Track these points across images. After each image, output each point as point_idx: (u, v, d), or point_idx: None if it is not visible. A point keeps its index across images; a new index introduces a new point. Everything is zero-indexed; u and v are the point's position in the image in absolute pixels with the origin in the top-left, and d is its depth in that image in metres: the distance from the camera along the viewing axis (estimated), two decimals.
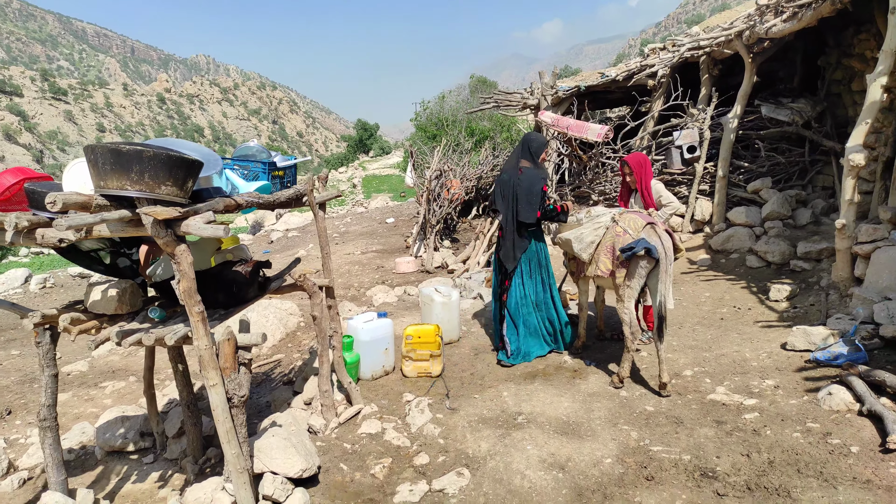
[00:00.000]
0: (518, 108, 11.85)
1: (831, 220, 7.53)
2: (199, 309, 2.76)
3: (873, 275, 5.04)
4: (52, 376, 3.34)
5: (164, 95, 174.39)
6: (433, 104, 24.36)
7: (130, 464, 4.51)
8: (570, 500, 3.16)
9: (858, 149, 5.10)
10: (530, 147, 5.01)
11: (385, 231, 14.60)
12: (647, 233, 4.26)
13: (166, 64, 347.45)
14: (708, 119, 8.71)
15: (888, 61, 5.02)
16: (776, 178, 8.53)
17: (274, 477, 3.19)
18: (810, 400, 3.91)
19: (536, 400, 4.28)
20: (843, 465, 3.17)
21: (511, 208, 4.91)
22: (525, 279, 5.08)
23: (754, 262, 7.27)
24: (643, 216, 4.43)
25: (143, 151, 2.45)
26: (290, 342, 6.92)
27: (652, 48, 10.63)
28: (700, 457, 3.43)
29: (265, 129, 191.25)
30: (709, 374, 4.54)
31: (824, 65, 8.90)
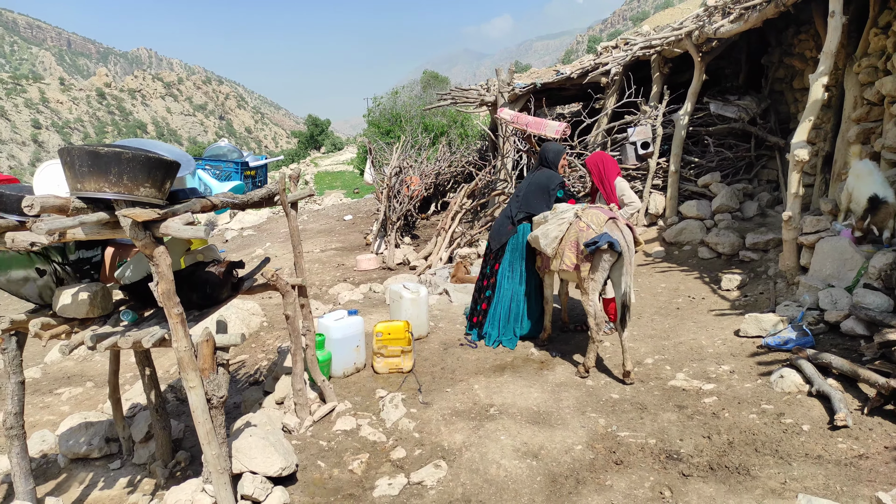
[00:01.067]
0: (475, 105, 11.97)
1: (776, 212, 7.93)
2: (179, 311, 2.76)
3: (817, 263, 5.35)
4: (19, 383, 3.27)
5: (103, 90, 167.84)
6: (386, 100, 24.25)
7: (96, 470, 4.42)
8: (545, 486, 3.28)
9: (803, 145, 5.39)
10: (547, 157, 5.51)
11: (343, 228, 14.53)
12: (610, 227, 4.42)
13: (105, 57, 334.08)
14: (660, 116, 9.01)
15: (828, 62, 5.32)
16: (724, 172, 8.91)
17: (253, 476, 3.21)
18: (763, 383, 4.14)
19: (507, 391, 4.40)
20: (796, 443, 3.39)
21: (521, 200, 5.44)
22: (507, 270, 5.43)
23: (706, 254, 7.59)
24: (605, 211, 4.59)
25: (121, 153, 2.43)
26: (253, 342, 6.86)
27: (605, 46, 10.91)
28: (665, 440, 3.61)
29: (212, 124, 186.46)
30: (668, 362, 4.74)
31: (767, 63, 9.33)
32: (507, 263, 5.43)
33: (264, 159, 4.02)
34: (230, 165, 3.74)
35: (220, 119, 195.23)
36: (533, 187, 5.39)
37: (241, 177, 3.79)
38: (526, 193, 5.42)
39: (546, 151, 5.52)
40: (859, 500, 2.83)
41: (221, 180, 3.68)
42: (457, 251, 9.25)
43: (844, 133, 6.42)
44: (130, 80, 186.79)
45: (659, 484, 3.19)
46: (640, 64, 9.93)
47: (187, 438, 4.67)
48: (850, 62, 6.42)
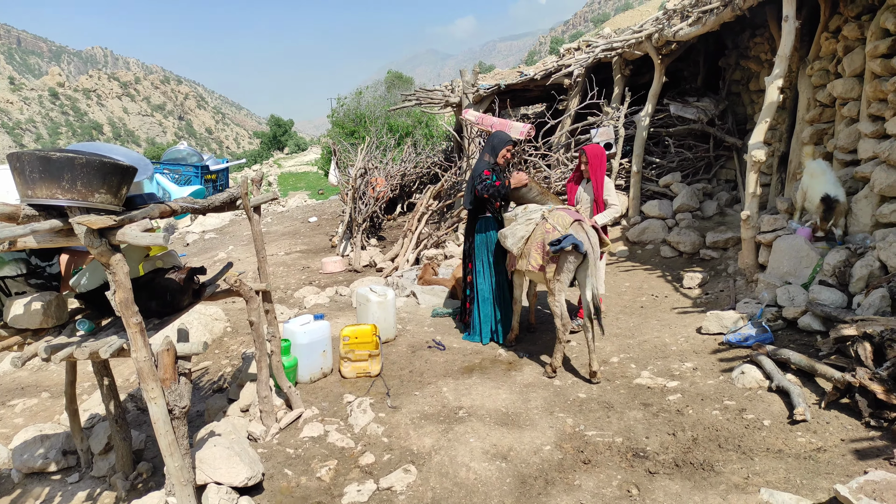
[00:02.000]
0: (440, 106, 11.97)
1: (735, 211, 8.13)
2: (137, 320, 2.67)
3: (775, 261, 5.50)
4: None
5: (56, 90, 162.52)
6: (349, 100, 24.09)
7: (53, 485, 4.27)
8: (515, 487, 3.28)
9: (760, 145, 5.53)
10: (491, 142, 5.45)
11: (308, 230, 14.36)
12: (575, 229, 4.47)
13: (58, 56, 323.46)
14: (622, 117, 9.14)
15: (783, 65, 5.47)
16: (685, 172, 9.10)
17: (218, 487, 3.13)
18: (726, 379, 4.23)
19: (475, 393, 4.40)
20: (758, 438, 3.47)
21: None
22: (479, 268, 5.53)
23: (668, 252, 7.73)
24: (571, 213, 4.63)
25: (74, 158, 2.35)
26: (216, 348, 6.72)
27: (567, 48, 11.03)
28: (631, 438, 3.65)
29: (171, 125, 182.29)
30: (634, 360, 4.81)
31: (724, 66, 9.56)
32: (478, 263, 5.48)
33: (225, 162, 3.93)
34: (190, 169, 3.65)
35: (180, 119, 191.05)
36: (469, 177, 5.57)
37: (202, 181, 3.70)
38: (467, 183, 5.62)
39: (492, 138, 5.49)
40: (818, 492, 2.91)
41: (181, 184, 3.59)
42: (424, 253, 9.22)
43: (799, 134, 6.62)
44: (85, 80, 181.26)
45: (626, 482, 3.23)
46: (601, 66, 10.07)
47: (149, 449, 4.55)
48: (803, 65, 6.62)
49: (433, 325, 6.05)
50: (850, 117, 5.67)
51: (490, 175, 5.24)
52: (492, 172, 5.30)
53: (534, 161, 9.53)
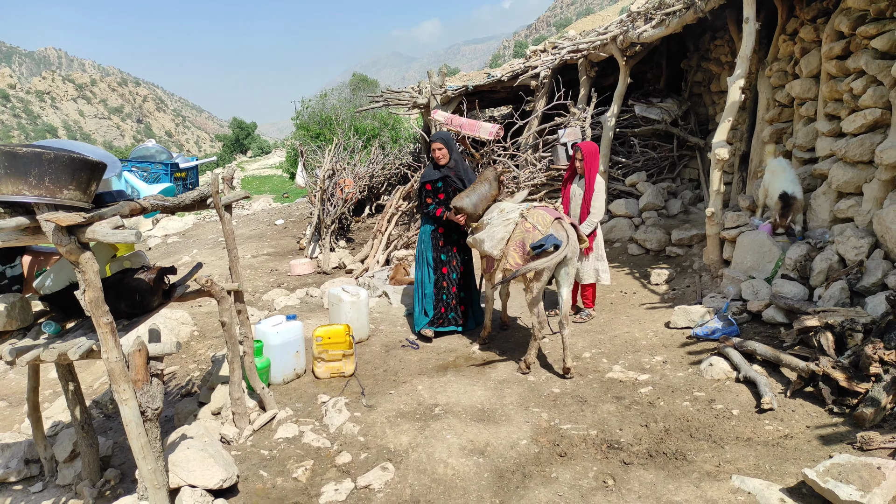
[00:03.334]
0: (408, 107, 11.96)
1: (698, 209, 8.32)
2: (108, 320, 2.61)
3: (739, 256, 5.65)
4: None
5: (7, 92, 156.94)
6: (314, 102, 23.88)
7: (15, 495, 4.13)
8: (493, 482, 3.30)
9: (723, 144, 5.67)
10: (429, 145, 5.65)
11: (275, 233, 14.18)
12: (555, 228, 4.47)
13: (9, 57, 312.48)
14: (589, 118, 9.28)
15: (744, 66, 5.63)
16: (650, 171, 9.28)
17: (192, 490, 3.07)
18: (694, 371, 4.32)
19: (451, 391, 4.40)
20: (728, 427, 3.56)
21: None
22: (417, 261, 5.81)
23: (635, 250, 7.87)
24: (550, 211, 4.63)
25: (42, 153, 2.28)
26: (184, 353, 6.58)
27: (534, 50, 11.13)
28: (605, 430, 3.71)
29: (129, 128, 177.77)
30: (605, 355, 4.88)
31: (686, 68, 9.79)
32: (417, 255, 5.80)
33: (195, 160, 3.86)
34: (159, 167, 3.57)
35: (138, 122, 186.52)
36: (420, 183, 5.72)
37: (171, 179, 3.63)
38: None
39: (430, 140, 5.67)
40: (787, 477, 3.00)
41: (150, 182, 3.51)
42: (394, 253, 9.20)
43: (759, 133, 6.81)
44: (38, 82, 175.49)
45: (602, 473, 3.28)
46: (567, 67, 10.21)
47: (116, 455, 4.43)
48: (762, 66, 6.82)
49: (406, 325, 6.05)
50: (808, 117, 5.87)
51: (431, 203, 5.46)
52: (433, 185, 5.47)
53: (503, 161, 9.60)
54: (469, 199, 5.03)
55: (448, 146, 5.46)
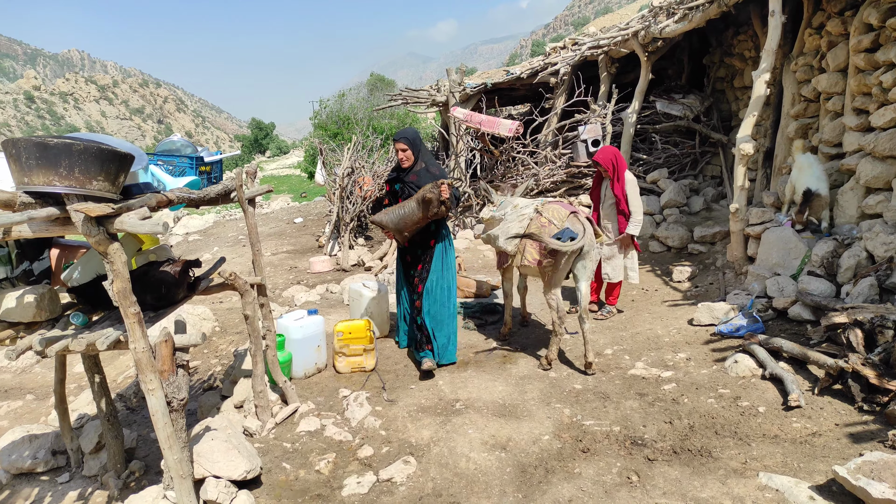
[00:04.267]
0: (426, 105, 11.97)
1: (721, 206, 8.22)
2: (135, 310, 2.63)
3: (764, 253, 5.56)
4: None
5: (32, 94, 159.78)
6: (332, 102, 24.04)
7: (42, 485, 4.18)
8: (515, 476, 3.28)
9: (747, 139, 5.60)
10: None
11: (294, 231, 14.26)
12: (571, 221, 4.44)
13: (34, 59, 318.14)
14: (609, 114, 9.21)
15: (769, 60, 5.54)
16: (671, 168, 9.19)
17: (217, 481, 3.09)
18: (719, 369, 4.27)
19: (472, 386, 4.39)
20: (754, 424, 3.51)
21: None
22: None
23: (656, 247, 7.79)
24: (565, 206, 4.60)
25: (72, 144, 2.31)
26: (205, 348, 6.64)
27: (553, 47, 11.08)
28: (628, 427, 3.67)
29: (150, 129, 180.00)
30: (627, 352, 4.84)
31: (709, 63, 9.67)
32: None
33: (219, 154, 3.89)
34: (184, 161, 3.60)
35: (159, 123, 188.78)
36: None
37: (196, 172, 3.66)
38: None
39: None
40: (816, 474, 2.94)
41: (175, 176, 3.55)
42: None
43: (784, 129, 6.71)
44: (62, 83, 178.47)
45: (626, 469, 3.24)
46: (588, 64, 10.14)
47: (140, 448, 4.48)
48: (787, 61, 6.72)
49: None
50: (835, 111, 5.77)
51: (385, 195, 4.84)
52: (391, 187, 4.79)
53: (522, 158, 9.56)
54: (389, 216, 4.46)
55: (414, 147, 4.60)
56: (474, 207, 9.99)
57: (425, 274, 4.71)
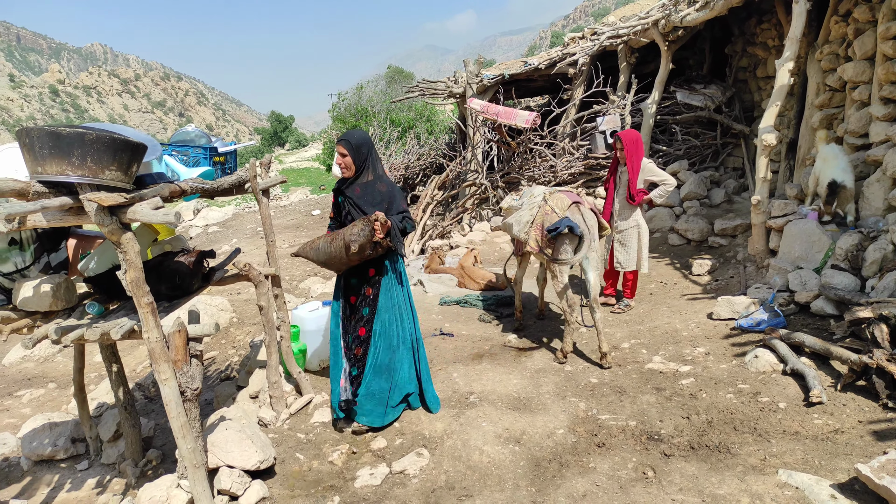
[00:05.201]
0: (444, 97, 11.91)
1: (742, 199, 8.07)
2: (148, 300, 2.64)
3: (786, 246, 5.45)
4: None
5: (56, 87, 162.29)
6: (350, 95, 24.08)
7: (62, 472, 4.25)
8: (529, 470, 3.25)
9: (770, 129, 5.47)
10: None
11: (312, 223, 14.34)
12: (572, 212, 4.51)
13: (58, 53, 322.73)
14: (628, 105, 9.08)
15: (794, 47, 5.41)
16: (692, 160, 9.04)
17: (230, 470, 3.11)
18: (739, 364, 4.19)
19: (486, 379, 4.36)
20: (774, 420, 3.43)
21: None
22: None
23: (676, 240, 7.68)
24: (570, 195, 4.66)
25: (84, 134, 2.31)
26: (223, 338, 6.70)
27: (572, 37, 10.94)
28: (645, 422, 3.62)
29: (171, 122, 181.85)
30: (645, 346, 4.77)
31: (731, 53, 9.48)
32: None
33: (234, 145, 3.89)
34: (198, 151, 3.60)
35: (180, 116, 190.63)
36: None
37: (210, 163, 3.66)
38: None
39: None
40: (837, 472, 2.87)
41: (189, 166, 3.55)
42: (429, 243, 9.19)
43: (808, 119, 6.55)
44: (85, 77, 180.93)
45: (642, 464, 3.19)
46: (607, 54, 10.00)
47: (158, 437, 4.52)
48: (811, 50, 6.55)
49: (441, 313, 6.02)
50: (861, 101, 5.61)
51: (331, 221, 3.91)
52: (335, 199, 3.87)
53: (539, 150, 9.47)
54: (314, 252, 3.62)
55: (357, 154, 3.62)
56: (491, 200, 9.93)
57: (369, 314, 3.74)
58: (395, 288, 3.78)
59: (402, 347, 3.79)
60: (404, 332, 3.81)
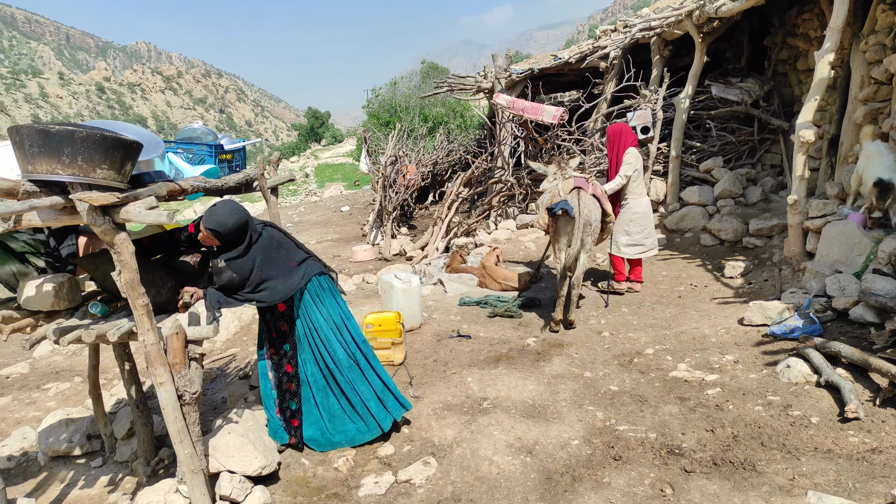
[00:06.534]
0: (472, 92, 11.75)
1: (780, 198, 7.72)
2: (144, 302, 2.58)
3: (824, 249, 5.15)
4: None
5: (103, 84, 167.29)
6: (385, 91, 24.08)
7: (77, 469, 4.26)
8: (539, 483, 3.10)
9: (808, 125, 5.18)
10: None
11: (340, 220, 14.36)
12: (571, 196, 4.94)
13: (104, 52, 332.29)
14: (660, 100, 8.77)
15: (834, 38, 5.10)
16: (727, 157, 8.70)
17: (231, 476, 3.04)
18: (769, 373, 3.96)
19: (501, 384, 4.22)
20: (805, 436, 3.21)
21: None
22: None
23: (708, 241, 7.39)
24: (578, 181, 5.06)
25: (74, 132, 2.25)
26: (245, 335, 6.70)
27: (603, 30, 10.66)
28: (666, 434, 3.43)
29: (212, 118, 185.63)
30: (670, 352, 4.56)
31: (770, 45, 9.09)
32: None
33: (242, 142, 3.82)
34: (204, 149, 3.54)
35: (221, 112, 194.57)
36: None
37: (216, 160, 3.59)
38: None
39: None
40: (873, 496, 2.65)
41: (194, 164, 3.49)
42: (454, 241, 9.06)
43: (851, 114, 6.20)
44: (130, 74, 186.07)
45: (660, 481, 3.02)
46: (639, 47, 9.70)
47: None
48: (856, 41, 6.19)
49: (460, 314, 5.89)
50: None
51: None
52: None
53: (567, 146, 9.25)
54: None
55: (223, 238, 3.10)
56: (517, 197, 9.74)
57: (290, 350, 3.56)
58: (314, 313, 3.49)
59: (342, 366, 3.53)
60: (336, 352, 3.52)
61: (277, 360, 3.56)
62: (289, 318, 3.49)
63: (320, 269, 3.55)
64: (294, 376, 3.53)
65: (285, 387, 3.56)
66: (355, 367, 3.56)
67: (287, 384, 3.55)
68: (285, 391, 3.56)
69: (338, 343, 3.52)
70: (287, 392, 3.56)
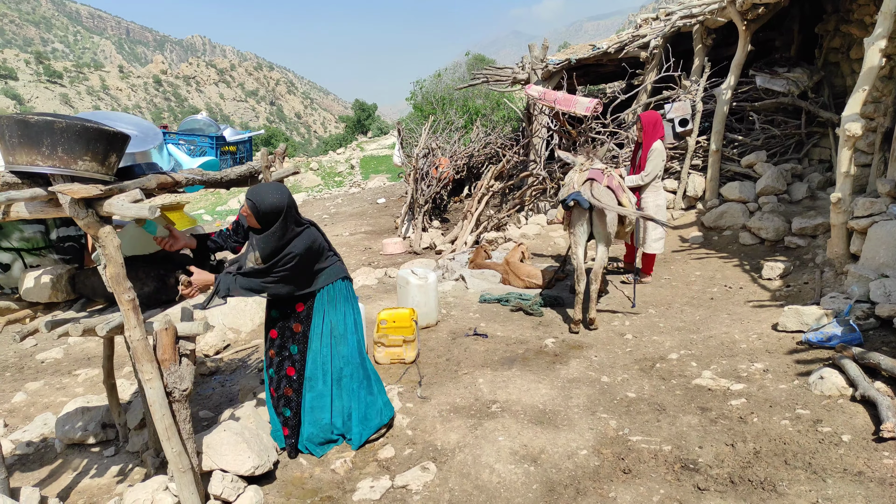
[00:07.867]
0: (508, 83, 11.53)
1: (828, 195, 7.26)
2: (130, 297, 2.53)
3: (870, 251, 4.79)
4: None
5: (160, 77, 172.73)
6: (429, 83, 23.97)
7: (91, 457, 4.31)
8: (541, 495, 2.95)
9: (855, 118, 4.82)
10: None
11: (375, 211, 14.35)
12: (584, 188, 4.88)
13: (162, 45, 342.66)
14: (701, 91, 8.39)
15: (887, 23, 4.72)
16: (771, 151, 8.25)
17: (224, 475, 2.99)
18: (801, 384, 3.69)
19: (513, 387, 4.06)
20: (834, 456, 2.96)
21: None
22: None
23: (748, 239, 7.03)
24: (593, 173, 4.97)
25: (53, 122, 2.20)
26: None
27: (644, 19, 10.28)
28: (681, 447, 3.22)
29: (263, 110, 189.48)
30: (695, 358, 4.32)
31: (822, 32, 8.57)
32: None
33: (246, 134, 3.75)
34: (205, 140, 3.49)
35: (271, 105, 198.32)
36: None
37: (217, 152, 3.53)
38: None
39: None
40: None
41: (195, 156, 3.44)
42: (484, 235, 8.90)
43: None
44: (185, 67, 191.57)
45: (669, 498, 2.82)
46: (681, 36, 9.30)
47: None
48: None
49: (479, 312, 5.74)
50: None
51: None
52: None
53: (601, 139, 8.95)
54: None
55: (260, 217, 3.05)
56: (549, 191, 9.50)
57: (298, 353, 3.42)
58: (329, 316, 3.40)
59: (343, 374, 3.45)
60: (339, 361, 3.44)
61: (279, 361, 3.47)
62: (305, 319, 3.38)
63: (344, 274, 3.51)
64: (294, 381, 3.42)
65: (282, 391, 3.45)
66: (341, 381, 3.45)
67: (285, 388, 3.43)
68: (281, 396, 3.45)
69: (336, 352, 3.43)
70: (283, 397, 3.44)
